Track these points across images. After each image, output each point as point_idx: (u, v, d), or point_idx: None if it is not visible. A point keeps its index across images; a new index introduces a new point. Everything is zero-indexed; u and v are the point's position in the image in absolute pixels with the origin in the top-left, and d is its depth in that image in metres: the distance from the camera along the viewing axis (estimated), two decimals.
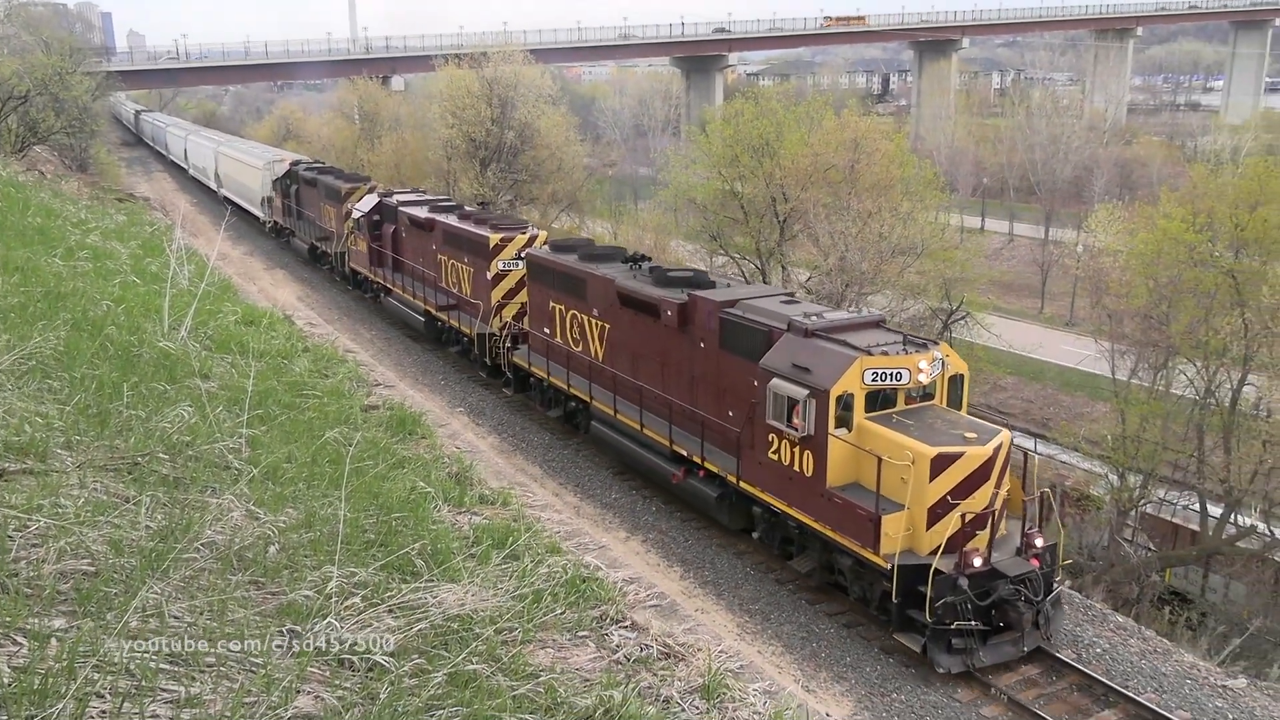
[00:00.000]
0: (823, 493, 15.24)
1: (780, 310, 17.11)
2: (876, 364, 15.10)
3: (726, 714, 6.40)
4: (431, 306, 30.46)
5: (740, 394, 17.18)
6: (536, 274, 24.68)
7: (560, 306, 23.43)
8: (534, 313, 25.01)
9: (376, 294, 36.36)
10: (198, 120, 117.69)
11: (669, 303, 19.12)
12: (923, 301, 38.03)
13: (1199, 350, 31.60)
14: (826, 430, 15.04)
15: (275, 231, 50.60)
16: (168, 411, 8.47)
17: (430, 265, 30.79)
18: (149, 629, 4.93)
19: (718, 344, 17.90)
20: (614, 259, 22.85)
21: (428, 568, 7.01)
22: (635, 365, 20.70)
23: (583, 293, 22.31)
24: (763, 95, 51.88)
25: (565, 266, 23.08)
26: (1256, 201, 32.16)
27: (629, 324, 20.82)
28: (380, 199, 34.98)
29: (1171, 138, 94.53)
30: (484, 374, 28.37)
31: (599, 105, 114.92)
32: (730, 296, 18.29)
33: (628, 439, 20.93)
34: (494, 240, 26.80)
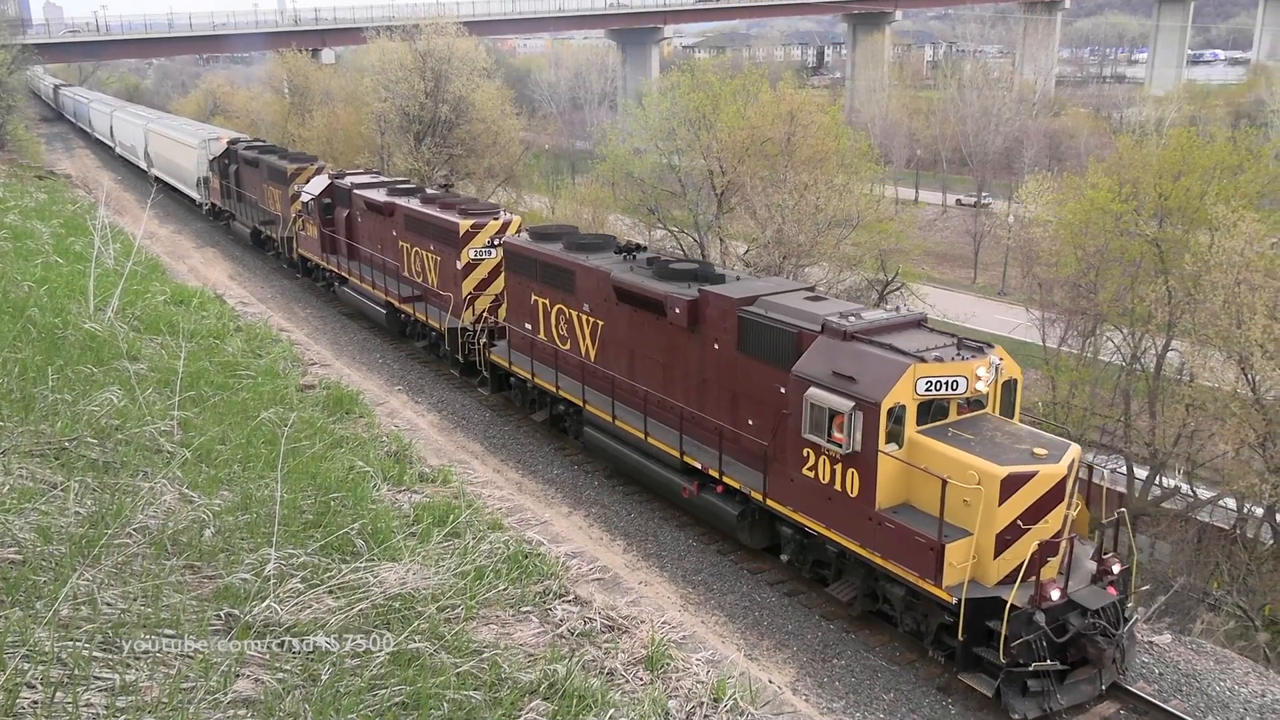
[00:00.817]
0: (871, 516, 13.71)
1: (808, 309, 15.41)
2: (931, 372, 13.57)
3: (670, 684, 6.47)
4: (394, 298, 28.35)
5: (763, 402, 15.76)
6: (515, 264, 22.67)
7: (544, 300, 21.65)
8: (513, 306, 23.14)
9: (329, 283, 34.34)
10: (120, 95, 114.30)
11: (676, 299, 17.33)
12: (859, 273, 38.46)
13: (1125, 317, 32.47)
14: (876, 446, 13.48)
15: (213, 214, 48.10)
16: (95, 395, 8.27)
17: (391, 253, 28.79)
18: (80, 617, 4.83)
19: (735, 346, 16.26)
20: (604, 249, 21.06)
21: (368, 547, 6.97)
22: (635, 367, 19.13)
23: (571, 286, 20.55)
24: (699, 68, 51.83)
25: (549, 257, 21.17)
26: (1179, 172, 32.95)
27: (627, 322, 19.08)
28: (331, 181, 32.75)
29: (1098, 109, 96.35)
30: (456, 372, 26.50)
31: (535, 78, 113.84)
32: (748, 293, 16.50)
33: (629, 448, 19.24)
34: (464, 227, 24.81)
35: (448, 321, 25.47)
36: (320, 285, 35.56)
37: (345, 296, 32.34)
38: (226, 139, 46.75)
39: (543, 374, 21.82)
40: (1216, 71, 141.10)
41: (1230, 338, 24.95)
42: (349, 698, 4.82)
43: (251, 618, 5.35)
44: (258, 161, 39.93)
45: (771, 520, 16.22)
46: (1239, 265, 25.69)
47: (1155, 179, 33.11)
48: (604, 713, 5.62)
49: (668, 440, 18.03)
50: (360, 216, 30.78)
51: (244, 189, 42.13)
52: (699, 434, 17.37)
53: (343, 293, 32.55)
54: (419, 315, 27.31)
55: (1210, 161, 33.26)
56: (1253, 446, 24.23)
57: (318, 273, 35.41)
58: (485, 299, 25.24)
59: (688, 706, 6.25)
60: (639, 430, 18.65)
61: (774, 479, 15.52)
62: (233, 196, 43.82)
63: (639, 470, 19.15)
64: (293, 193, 35.85)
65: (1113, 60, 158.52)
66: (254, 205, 40.89)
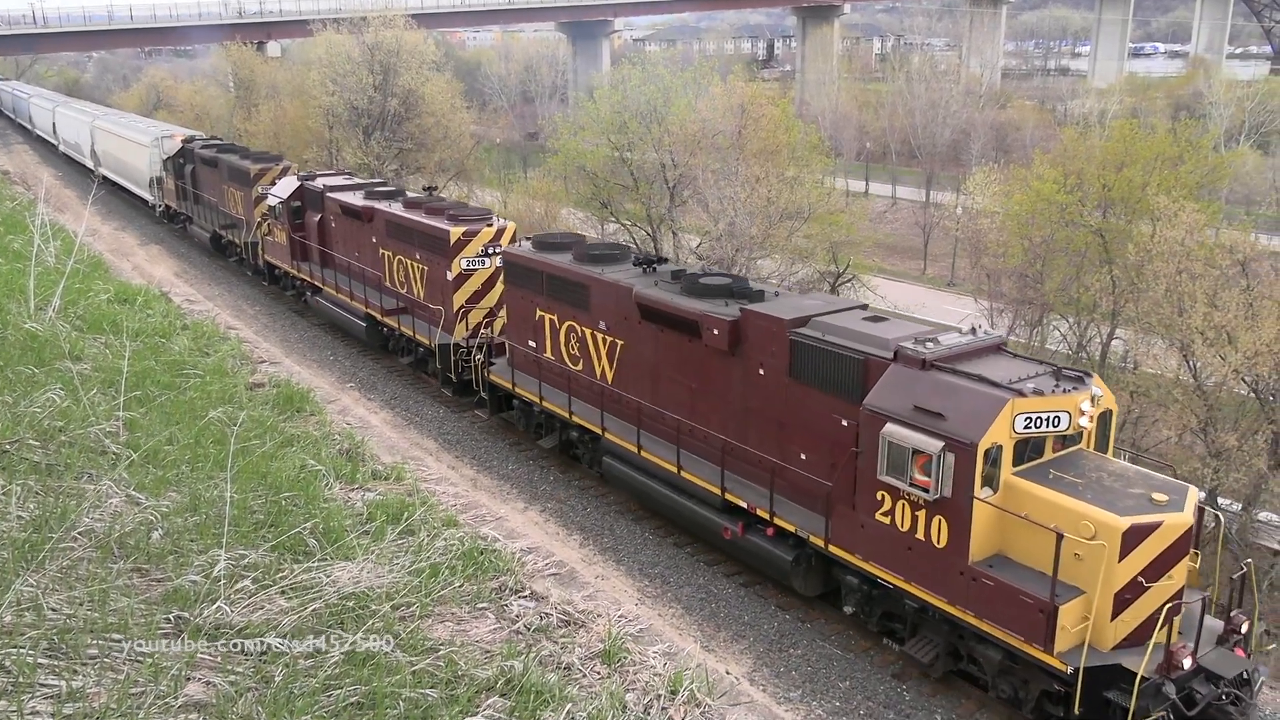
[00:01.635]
0: (963, 570, 12.22)
1: (872, 331, 13.87)
2: (1031, 407, 12.08)
3: (628, 677, 6.48)
4: (375, 310, 26.49)
5: (820, 435, 14.27)
6: (517, 276, 20.84)
7: (551, 316, 19.93)
8: (515, 322, 21.38)
9: (300, 292, 32.37)
10: (60, 89, 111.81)
11: (715, 320, 15.60)
12: (811, 265, 38.73)
13: (1071, 307, 33.06)
14: (971, 492, 11.99)
15: (168, 217, 46.01)
16: (37, 395, 8.11)
17: (370, 261, 26.97)
18: (25, 623, 4.73)
19: (785, 373, 14.68)
20: (621, 260, 19.25)
21: (320, 546, 6.90)
22: (661, 392, 17.43)
23: (584, 302, 18.82)
24: (649, 61, 51.83)
25: (558, 269, 19.42)
26: (1122, 163, 33.59)
27: (653, 342, 17.33)
28: (301, 183, 30.79)
29: (1043, 102, 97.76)
30: (449, 392, 24.61)
31: (484, 71, 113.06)
32: (798, 312, 14.89)
33: (657, 482, 17.48)
34: (455, 235, 23.07)
35: (438, 337, 23.79)
36: (290, 294, 33.71)
37: (319, 307, 30.36)
38: (181, 137, 44.79)
39: (553, 397, 20.07)
40: (1157, 64, 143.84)
41: (1172, 325, 25.49)
42: (303, 699, 4.77)
43: (202, 620, 5.28)
44: (216, 161, 37.95)
45: (829, 565, 14.70)
46: (1180, 254, 26.23)
47: (1099, 170, 33.73)
48: (561, 708, 5.62)
49: (704, 474, 16.32)
50: (334, 221, 28.94)
51: (202, 190, 40.17)
52: (739, 468, 15.73)
53: (316, 303, 30.52)
54: (404, 329, 25.37)
55: (1152, 153, 33.94)
56: (1194, 431, 24.78)
57: (286, 281, 33.65)
58: (479, 312, 23.53)
59: (645, 699, 6.27)
60: (670, 463, 16.92)
61: (839, 523, 13.93)
62: (189, 198, 41.75)
63: (670, 507, 17.41)
64: (256, 195, 34.06)
65: (1057, 53, 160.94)
66: (213, 208, 38.82)
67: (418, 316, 24.93)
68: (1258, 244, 28.64)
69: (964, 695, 13.50)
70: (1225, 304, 24.16)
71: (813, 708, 13.46)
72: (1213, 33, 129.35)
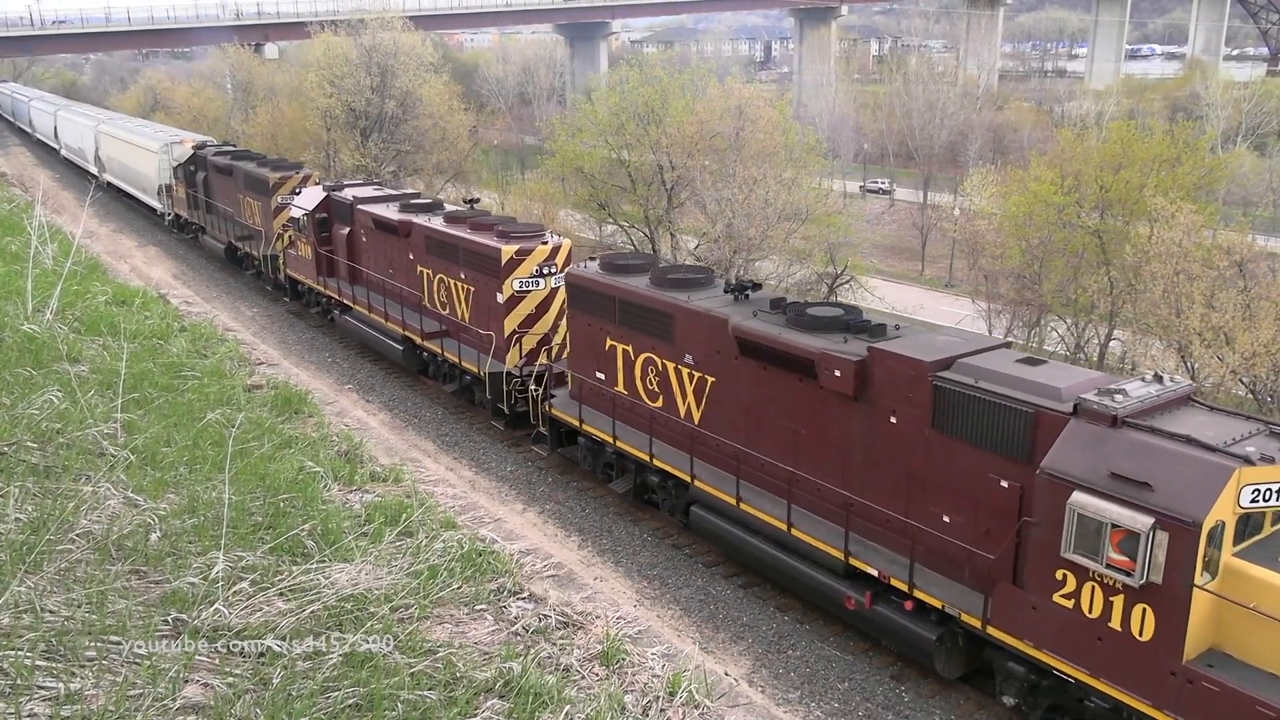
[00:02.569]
0: (1175, 669, 10.37)
1: (1037, 378, 12.05)
2: (1261, 477, 10.25)
3: (626, 679, 6.48)
4: (414, 333, 24.41)
5: (972, 497, 12.53)
6: (584, 301, 19.02)
7: (624, 347, 18.08)
8: (580, 351, 19.51)
9: (326, 310, 30.27)
10: (57, 90, 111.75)
11: (837, 360, 13.74)
12: (808, 266, 38.79)
13: (1069, 308, 33.11)
14: (1189, 578, 10.15)
15: (178, 226, 43.71)
16: (34, 397, 8.10)
17: (407, 280, 24.99)
18: (22, 625, 4.73)
19: (926, 423, 12.86)
20: (706, 285, 17.39)
21: (319, 548, 6.90)
22: (764, 437, 15.55)
23: (667, 332, 17.01)
24: (647, 63, 51.92)
25: (635, 295, 17.63)
26: (1119, 164, 33.66)
27: (754, 381, 15.52)
28: (328, 193, 28.90)
29: (1040, 103, 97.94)
30: (500, 425, 22.49)
31: (482, 73, 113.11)
32: (939, 353, 13.08)
33: (760, 539, 15.55)
34: (508, 253, 21.12)
35: (488, 365, 21.73)
36: (314, 311, 31.49)
37: (348, 327, 28.12)
38: (191, 142, 42.84)
39: (629, 437, 18.18)
40: (1153, 66, 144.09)
41: (1170, 326, 25.54)
42: (301, 700, 4.76)
43: (200, 622, 5.27)
44: (231, 169, 35.72)
45: (979, 645, 12.89)
46: (1178, 256, 26.28)
47: (1096, 172, 33.79)
48: (560, 709, 5.62)
49: (819, 534, 14.50)
50: (365, 235, 26.94)
51: (215, 199, 38.00)
52: (860, 527, 14.01)
53: (345, 322, 28.29)
54: (449, 355, 23.28)
55: (1149, 154, 34.02)
56: None
57: (310, 297, 31.48)
58: (532, 338, 21.56)
59: (644, 701, 6.27)
60: (777, 519, 15.00)
61: (1002, 601, 12.04)
62: (201, 207, 39.55)
63: (775, 567, 15.47)
64: (276, 205, 32.23)
65: (1054, 55, 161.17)
66: (229, 218, 36.65)
67: (464, 341, 22.88)
68: (1255, 245, 28.68)
69: (963, 696, 13.50)
70: (1223, 305, 24.22)
71: (811, 709, 13.46)
72: (1209, 34, 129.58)
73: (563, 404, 19.98)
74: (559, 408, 19.99)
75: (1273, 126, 77.08)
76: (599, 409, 18.88)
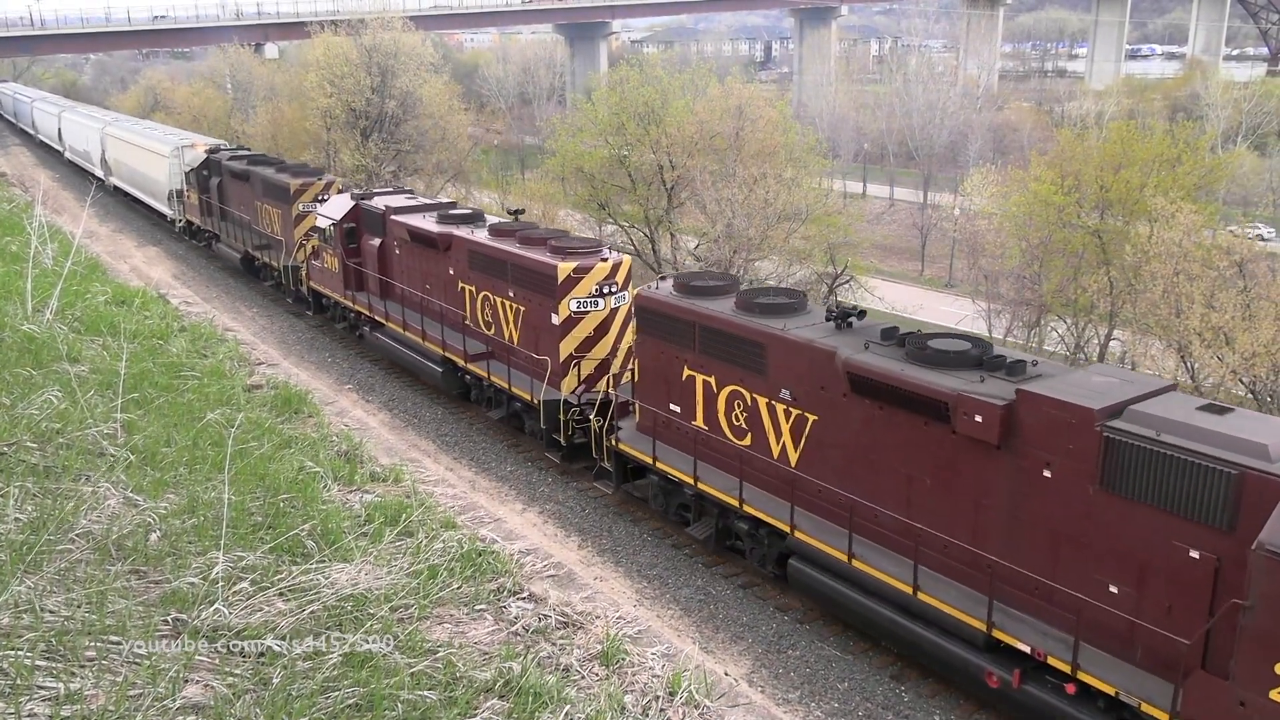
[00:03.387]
0: None
1: (1233, 432, 10.45)
2: None
3: (626, 679, 6.48)
4: (456, 354, 22.87)
5: (1151, 567, 10.92)
6: (657, 326, 17.38)
7: (707, 378, 16.43)
8: (650, 380, 17.83)
9: (354, 325, 28.70)
10: (57, 90, 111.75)
11: (976, 402, 12.05)
12: (808, 266, 38.80)
13: (1069, 308, 33.11)
14: None
15: (189, 233, 42.17)
16: (34, 397, 8.11)
17: (447, 296, 23.56)
18: (22, 625, 4.73)
19: (1092, 480, 11.18)
20: (799, 310, 15.79)
21: (319, 548, 6.90)
22: (880, 486, 13.82)
23: (758, 364, 15.40)
24: (647, 62, 51.96)
25: (719, 321, 16.01)
26: (1119, 164, 33.67)
27: (867, 422, 13.84)
28: (357, 202, 27.37)
29: (1040, 103, 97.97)
30: (555, 457, 20.83)
31: (482, 73, 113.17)
32: (1106, 399, 11.36)
33: (879, 601, 13.75)
34: (564, 271, 19.51)
35: (543, 392, 20.08)
36: (340, 327, 29.90)
37: (379, 345, 26.60)
38: (204, 146, 41.44)
39: (711, 478, 16.50)
40: (1153, 66, 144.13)
41: (1170, 327, 25.54)
42: (301, 700, 4.76)
43: (200, 622, 5.27)
44: (248, 174, 34.17)
45: None
46: (1178, 256, 26.28)
47: (1096, 172, 33.80)
48: (560, 709, 5.62)
49: (950, 598, 12.76)
50: (400, 248, 25.38)
51: (231, 206, 36.53)
52: (1005, 594, 12.26)
53: (375, 339, 26.77)
54: (496, 380, 21.69)
55: (1149, 154, 34.03)
56: None
57: (335, 311, 29.98)
58: (590, 363, 20.03)
59: (644, 701, 6.27)
60: (901, 580, 13.26)
61: (1200, 694, 10.39)
62: (215, 214, 38.02)
63: (895, 634, 13.63)
64: (297, 213, 30.88)
65: (1054, 55, 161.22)
66: (245, 226, 35.10)
67: (514, 366, 21.11)
68: (1255, 245, 28.70)
69: (963, 696, 13.50)
70: (1222, 305, 24.22)
71: (811, 709, 13.46)
72: (1209, 34, 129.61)
73: (630, 438, 18.27)
74: (627, 442, 18.28)
75: (1273, 126, 77.12)
76: (675, 445, 17.25)
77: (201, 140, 44.06)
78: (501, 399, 22.14)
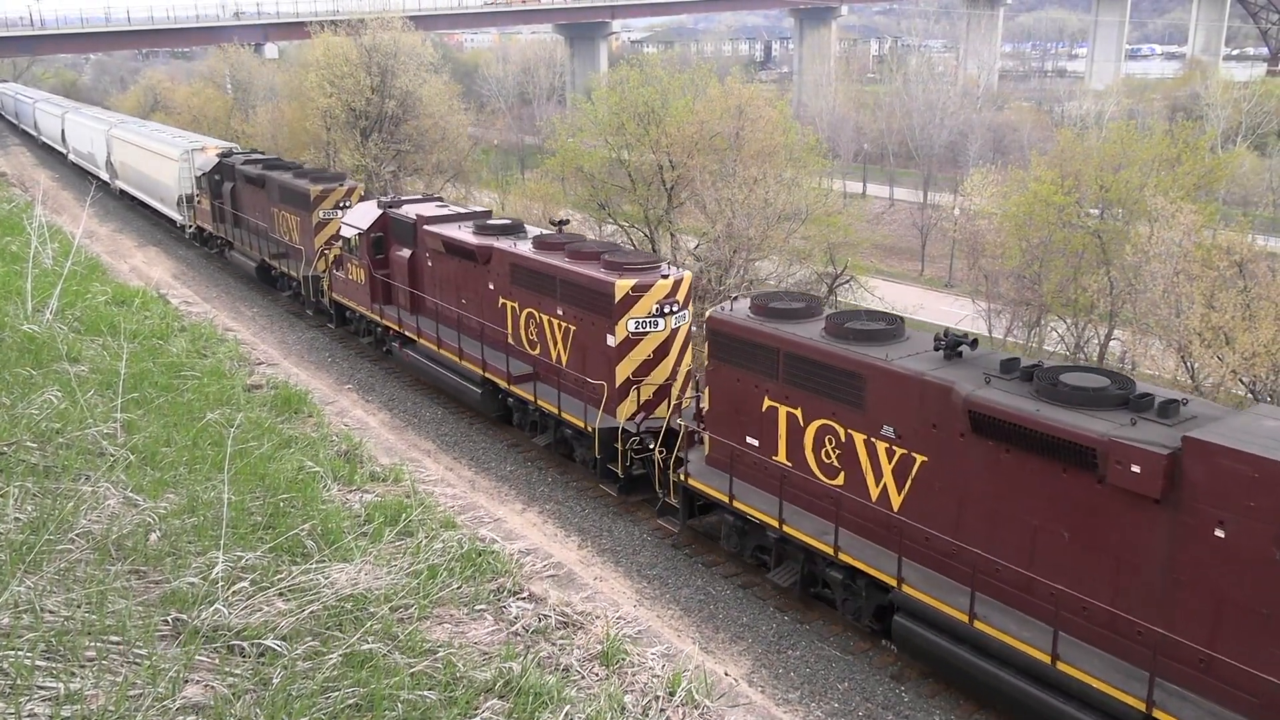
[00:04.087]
0: None
1: None
2: None
3: (626, 679, 6.48)
4: (499, 375, 21.42)
5: None
6: (731, 351, 15.96)
7: (792, 410, 15.01)
8: (723, 409, 16.36)
9: (380, 340, 27.45)
10: (57, 90, 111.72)
11: (1133, 450, 10.70)
12: (809, 266, 38.80)
13: (1069, 308, 33.12)
14: None
15: (200, 240, 40.89)
16: (34, 397, 8.11)
17: (486, 313, 22.14)
18: (22, 625, 4.73)
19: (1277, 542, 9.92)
20: (899, 337, 14.33)
21: (318, 548, 6.90)
22: (1003, 537, 12.36)
23: (856, 397, 13.94)
24: (647, 62, 51.97)
25: (807, 348, 14.57)
26: (1119, 164, 33.70)
27: (989, 466, 12.41)
28: (385, 210, 25.99)
29: (1040, 103, 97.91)
30: (612, 490, 19.32)
31: (482, 73, 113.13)
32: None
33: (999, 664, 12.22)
34: (622, 289, 18.17)
35: (598, 419, 18.68)
36: (366, 341, 28.55)
37: (411, 362, 25.14)
38: (215, 149, 40.19)
39: (798, 521, 14.98)
40: (1153, 66, 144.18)
41: (1170, 327, 25.53)
42: (301, 700, 4.76)
43: (200, 622, 5.27)
44: (264, 179, 33.03)
45: None
46: (1178, 255, 26.28)
47: (1096, 171, 33.82)
48: (560, 709, 5.62)
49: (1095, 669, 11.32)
50: (432, 259, 24.03)
51: (245, 212, 35.32)
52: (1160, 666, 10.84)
53: (406, 357, 25.29)
54: (545, 404, 20.24)
55: (1149, 154, 34.06)
56: None
57: (360, 324, 28.59)
58: (649, 387, 18.69)
59: (644, 701, 6.27)
60: (1038, 649, 11.74)
61: None
62: (229, 220, 36.70)
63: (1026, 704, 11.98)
64: (318, 220, 29.77)
65: (1054, 55, 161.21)
66: (261, 233, 33.87)
67: (565, 391, 19.68)
68: (1255, 245, 28.70)
69: (963, 696, 13.50)
70: (1223, 305, 24.21)
71: (811, 709, 13.46)
72: (1209, 34, 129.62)
73: (700, 472, 16.74)
74: (697, 477, 16.72)
75: (1273, 126, 77.08)
76: (753, 482, 15.80)
77: (212, 143, 42.82)
78: (548, 423, 20.79)
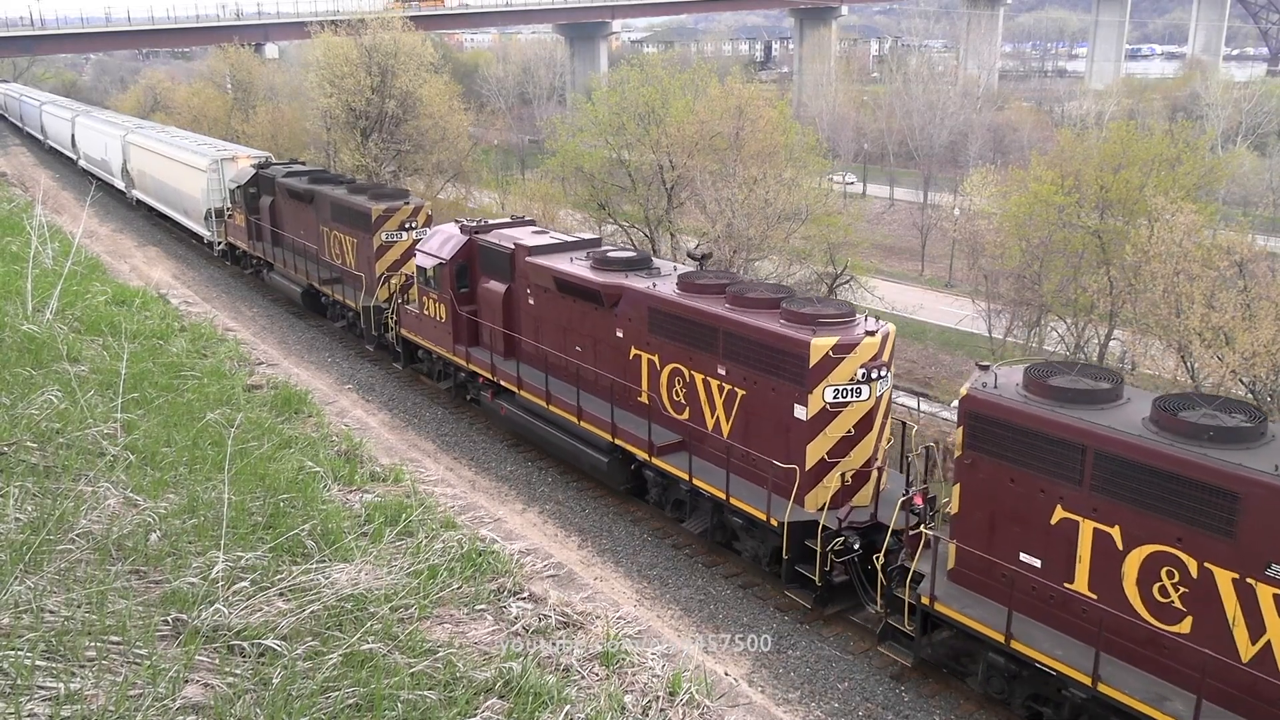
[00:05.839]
0: None
1: None
2: None
3: (626, 679, 6.47)
4: (637, 445, 17.98)
5: None
6: (998, 441, 12.32)
7: (1105, 528, 11.37)
8: (980, 515, 12.83)
9: (463, 385, 24.17)
10: (57, 90, 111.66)
11: None
12: (808, 266, 38.80)
13: (1069, 308, 33.10)
14: None
15: (232, 258, 37.46)
16: (34, 397, 8.11)
17: (612, 364, 18.94)
18: (22, 625, 4.73)
19: None
20: (1261, 434, 10.70)
21: (319, 548, 6.90)
22: None
23: (1223, 519, 10.28)
24: (648, 62, 51.96)
25: (1135, 448, 10.94)
26: (1119, 164, 33.67)
27: None
28: (471, 236, 22.62)
29: (1040, 103, 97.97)
30: (807, 601, 15.50)
31: (482, 73, 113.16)
32: None
33: None
34: (819, 350, 14.85)
35: (788, 511, 15.11)
36: (445, 387, 24.96)
37: (510, 416, 21.68)
38: (247, 158, 37.01)
39: (1121, 678, 11.16)
40: (1153, 66, 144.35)
41: (1170, 326, 25.52)
42: (301, 700, 4.76)
43: (200, 622, 5.27)
44: (312, 195, 29.72)
45: None
46: (1178, 255, 26.27)
47: (1096, 171, 33.80)
48: (560, 709, 5.62)
49: None
50: (534, 296, 20.84)
51: (287, 230, 31.94)
52: None
53: (504, 410, 21.85)
54: (707, 487, 16.60)
55: (1149, 154, 34.04)
56: None
57: (435, 365, 25.12)
58: (847, 469, 15.42)
59: (644, 701, 6.26)
60: None
61: None
62: (267, 239, 33.35)
63: None
64: (379, 243, 26.57)
65: (1054, 55, 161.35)
66: (310, 256, 30.18)
67: (740, 475, 16.21)
68: (1255, 245, 28.68)
69: (963, 696, 13.50)
70: (1222, 305, 24.20)
71: (811, 709, 13.46)
72: (1209, 34, 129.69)
73: (949, 595, 12.94)
74: (947, 603, 12.86)
75: (1273, 126, 77.13)
76: (1033, 616, 12.11)
77: (243, 152, 39.57)
78: (701, 503, 17.26)
